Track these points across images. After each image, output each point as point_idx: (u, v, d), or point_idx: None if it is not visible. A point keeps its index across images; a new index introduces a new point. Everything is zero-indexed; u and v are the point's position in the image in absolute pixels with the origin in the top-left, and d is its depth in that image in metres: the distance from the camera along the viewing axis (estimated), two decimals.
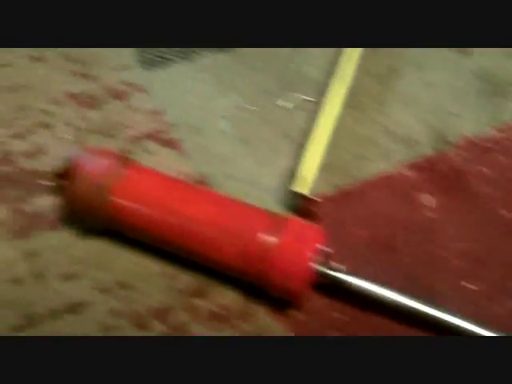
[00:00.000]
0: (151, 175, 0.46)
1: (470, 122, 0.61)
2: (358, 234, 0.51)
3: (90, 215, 0.45)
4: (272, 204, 0.51)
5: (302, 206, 0.50)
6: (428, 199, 0.54)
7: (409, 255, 0.50)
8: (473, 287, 0.49)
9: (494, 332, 0.43)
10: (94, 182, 0.44)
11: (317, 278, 0.44)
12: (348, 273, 0.44)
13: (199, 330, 0.44)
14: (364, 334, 0.45)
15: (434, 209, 0.53)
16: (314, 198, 0.48)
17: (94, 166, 0.45)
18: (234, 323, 0.44)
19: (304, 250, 0.42)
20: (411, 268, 0.49)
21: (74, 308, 0.44)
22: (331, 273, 0.44)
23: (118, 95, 0.58)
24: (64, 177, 0.46)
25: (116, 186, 0.44)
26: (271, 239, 0.42)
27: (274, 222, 0.43)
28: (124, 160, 0.46)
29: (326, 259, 0.44)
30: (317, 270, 0.43)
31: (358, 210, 0.53)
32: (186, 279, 0.46)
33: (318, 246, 0.43)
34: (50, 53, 0.60)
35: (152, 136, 0.56)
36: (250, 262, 0.42)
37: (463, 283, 0.49)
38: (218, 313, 0.45)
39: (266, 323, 0.45)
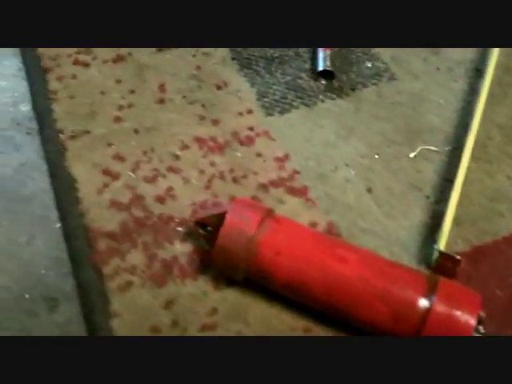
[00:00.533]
0: (298, 229, 0.47)
1: None
2: (499, 295, 0.49)
3: (235, 265, 0.45)
4: (405, 258, 0.50)
5: (441, 265, 0.49)
6: None
7: None
8: None
9: None
10: (243, 236, 0.44)
11: None
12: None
13: None
14: None
15: None
16: (456, 257, 0.47)
17: (242, 218, 0.45)
18: None
19: (461, 316, 0.41)
20: None
21: None
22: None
23: (244, 141, 0.60)
24: (209, 225, 0.47)
25: (263, 238, 0.44)
26: (426, 302, 0.41)
27: (427, 285, 0.42)
28: (269, 213, 0.47)
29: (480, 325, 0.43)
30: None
31: (495, 267, 0.51)
32: (323, 333, 0.46)
33: (477, 312, 0.41)
34: (173, 95, 0.63)
35: (278, 183, 0.56)
36: (403, 324, 0.41)
37: None
38: None
39: None
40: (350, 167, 0.58)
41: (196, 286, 0.48)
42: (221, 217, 0.46)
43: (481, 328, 0.43)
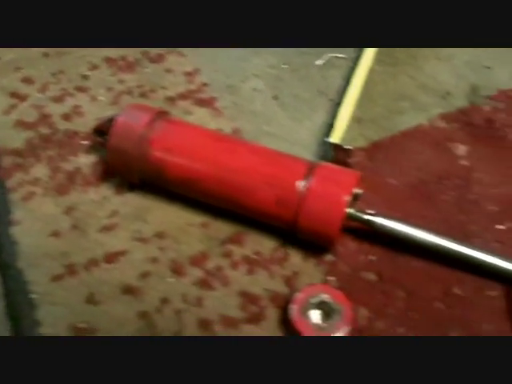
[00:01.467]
0: (189, 128, 0.47)
1: (505, 75, 0.60)
2: (392, 183, 0.51)
3: (129, 167, 0.46)
4: (306, 156, 0.51)
5: (336, 157, 0.50)
6: (461, 148, 0.54)
7: (442, 201, 0.50)
8: (502, 227, 0.48)
9: None
10: (133, 135, 0.45)
11: (348, 221, 0.44)
12: (377, 214, 0.45)
13: (235, 276, 0.45)
14: (395, 275, 0.45)
15: (468, 157, 0.53)
16: (347, 147, 0.48)
17: (133, 120, 0.46)
18: (268, 267, 0.45)
19: (337, 193, 0.42)
20: (446, 212, 0.49)
21: (112, 257, 0.46)
22: (362, 215, 0.44)
23: (154, 58, 0.60)
24: (104, 132, 0.48)
25: (155, 137, 0.45)
26: (305, 184, 0.43)
27: (308, 169, 0.44)
28: (162, 114, 0.48)
29: (356, 202, 0.45)
30: (348, 212, 0.44)
31: (391, 160, 0.53)
32: (222, 228, 0.47)
33: (351, 188, 0.43)
34: None
35: (186, 96, 0.57)
36: (285, 207, 0.43)
37: (493, 224, 0.49)
38: (253, 258, 0.46)
39: (299, 264, 0.45)
40: (258, 78, 0.59)
41: (97, 192, 0.49)
42: (114, 121, 0.47)
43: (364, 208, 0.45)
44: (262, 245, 0.46)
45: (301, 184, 0.43)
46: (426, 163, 0.53)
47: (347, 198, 0.42)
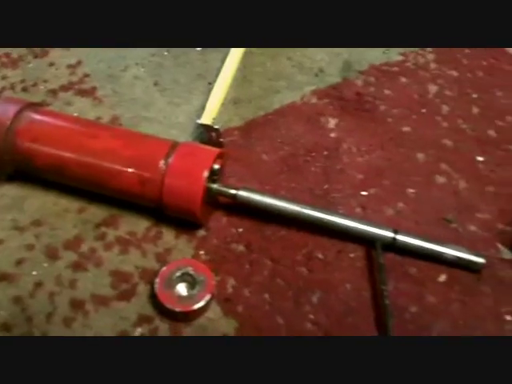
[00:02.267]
0: (55, 117, 0.49)
1: (377, 51, 0.64)
2: (265, 159, 0.54)
3: (0, 159, 0.48)
4: (183, 139, 0.54)
5: (208, 137, 0.53)
6: (331, 122, 0.57)
7: (311, 172, 0.53)
8: (365, 193, 0.52)
9: (384, 229, 0.47)
10: (0, 128, 0.47)
11: (215, 196, 0.47)
12: (241, 188, 0.48)
13: (108, 257, 0.47)
14: (262, 245, 0.48)
15: (337, 130, 0.57)
16: (216, 127, 0.51)
17: (1, 111, 0.47)
18: (141, 246, 0.48)
19: (195, 169, 0.45)
20: (312, 182, 0.53)
21: None
22: (227, 190, 0.47)
23: (38, 53, 0.61)
24: None
25: (21, 129, 0.47)
26: (165, 163, 0.45)
27: (169, 149, 0.46)
28: (31, 106, 0.49)
29: (219, 177, 0.48)
30: (212, 187, 0.46)
31: (265, 137, 0.56)
32: (96, 212, 0.49)
33: (209, 164, 0.45)
34: None
35: (68, 87, 0.58)
36: (148, 186, 0.45)
37: (358, 191, 0.52)
38: (126, 238, 0.48)
39: (171, 241, 0.48)
40: (140, 66, 0.61)
41: None
42: None
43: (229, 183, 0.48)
44: (135, 225, 0.49)
45: (161, 163, 0.45)
46: (297, 138, 0.56)
47: (206, 173, 0.45)
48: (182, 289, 0.44)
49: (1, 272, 0.45)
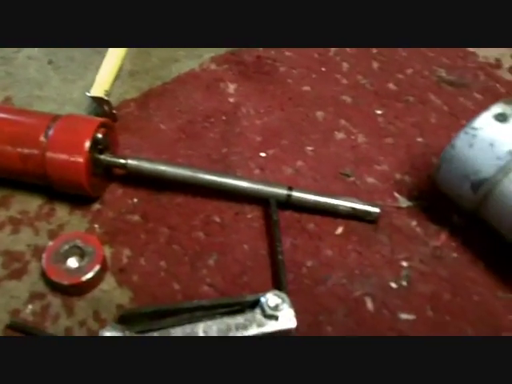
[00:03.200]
0: None
1: None
2: (162, 128, 0.54)
3: None
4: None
5: (103, 111, 0.52)
6: (230, 87, 0.57)
7: (209, 138, 0.53)
8: (264, 154, 0.52)
9: (278, 187, 0.48)
10: None
11: (98, 164, 0.46)
12: (130, 157, 0.47)
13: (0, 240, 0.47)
14: (159, 214, 0.48)
15: (236, 95, 0.56)
16: (105, 98, 0.50)
17: None
18: (33, 224, 0.47)
19: (75, 140, 0.44)
20: (210, 147, 0.52)
21: None
22: (116, 159, 0.47)
23: None
24: None
25: None
26: (45, 137, 0.44)
27: (50, 122, 0.45)
28: None
29: (109, 148, 0.48)
30: (101, 158, 0.46)
31: (163, 106, 0.55)
32: None
33: (90, 134, 0.45)
34: None
35: None
36: (30, 162, 0.45)
37: (257, 153, 0.52)
38: (18, 218, 0.47)
39: (65, 217, 0.48)
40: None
41: None
42: None
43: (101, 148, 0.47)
44: (27, 204, 0.48)
45: (41, 137, 0.44)
46: (195, 105, 0.55)
47: (87, 143, 0.44)
48: (72, 262, 0.44)
49: None
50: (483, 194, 0.44)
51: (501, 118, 0.44)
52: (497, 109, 0.44)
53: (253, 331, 0.40)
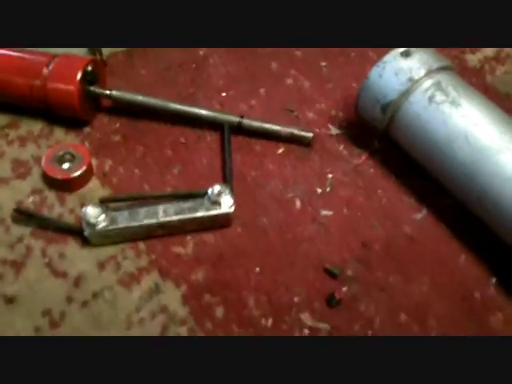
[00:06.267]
0: None
1: None
2: (143, 73, 0.66)
3: None
4: None
5: (93, 55, 0.64)
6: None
7: (180, 81, 0.65)
8: (225, 94, 0.64)
9: (232, 115, 0.59)
10: None
11: (88, 95, 0.59)
12: (116, 89, 0.59)
13: (10, 150, 0.59)
14: (137, 136, 0.60)
15: (206, 49, 0.68)
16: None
17: None
18: (37, 141, 0.59)
19: (70, 70, 0.57)
20: (181, 87, 0.65)
21: None
22: (103, 91, 0.59)
23: None
24: None
25: None
26: (47, 70, 0.57)
27: (51, 58, 0.58)
28: None
29: (97, 82, 0.60)
30: (91, 89, 0.58)
31: (144, 57, 0.67)
32: (0, 118, 0.61)
33: (81, 67, 0.57)
34: None
35: None
36: (36, 90, 0.57)
37: (219, 93, 0.64)
38: (25, 136, 0.60)
39: (62, 137, 0.60)
40: None
41: None
42: None
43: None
44: (32, 126, 0.61)
45: (44, 70, 0.57)
46: (171, 56, 0.68)
47: (79, 74, 0.56)
48: (64, 165, 0.56)
49: None
50: (390, 115, 0.55)
51: (404, 54, 0.55)
52: (402, 48, 0.56)
53: (200, 213, 0.52)
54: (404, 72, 0.54)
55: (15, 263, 0.51)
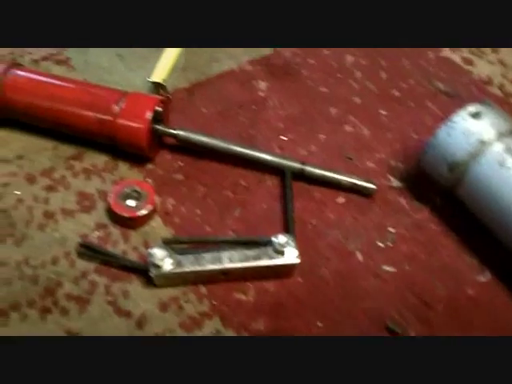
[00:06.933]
0: (35, 73, 0.62)
1: None
2: (204, 111, 0.67)
3: None
4: None
5: (157, 93, 0.65)
6: (262, 84, 0.70)
7: (240, 122, 0.66)
8: (284, 138, 0.65)
9: (294, 161, 0.60)
10: None
11: (155, 133, 0.59)
12: (181, 129, 0.60)
13: (75, 182, 0.59)
14: (198, 175, 0.61)
15: (265, 90, 0.69)
16: (160, 82, 0.64)
17: None
18: (101, 175, 0.60)
19: (141, 110, 0.57)
20: (241, 128, 0.65)
21: None
22: (169, 130, 0.60)
23: None
24: None
25: (7, 82, 0.59)
26: (117, 107, 0.58)
27: (121, 96, 0.58)
28: (15, 65, 0.62)
29: (163, 121, 0.61)
30: (157, 128, 0.59)
31: (205, 95, 0.68)
32: (67, 149, 0.62)
33: (152, 107, 0.58)
34: None
35: (48, 58, 0.71)
36: (105, 125, 0.58)
37: (278, 135, 0.65)
38: (90, 169, 0.61)
39: (126, 172, 0.61)
40: None
41: None
42: None
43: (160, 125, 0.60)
44: (97, 159, 0.61)
45: (115, 107, 0.58)
46: (231, 96, 0.68)
47: (150, 114, 0.57)
48: (130, 202, 0.56)
49: None
50: (457, 174, 0.55)
51: (474, 115, 0.56)
52: (471, 108, 0.56)
53: (265, 262, 0.52)
54: (474, 133, 0.54)
55: (80, 299, 0.52)
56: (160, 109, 0.59)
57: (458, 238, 0.57)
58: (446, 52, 0.76)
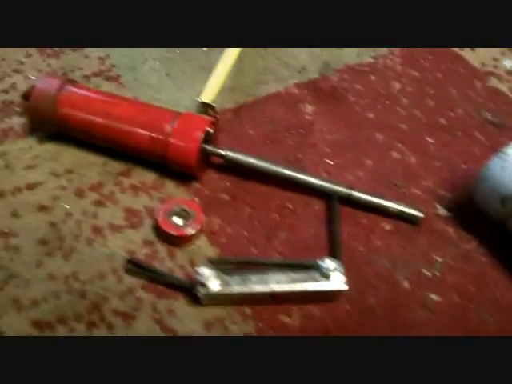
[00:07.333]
0: (88, 90, 0.63)
1: (352, 53, 0.77)
2: (251, 133, 0.67)
3: (45, 122, 0.61)
4: None
5: (206, 112, 0.66)
6: (308, 107, 0.70)
7: (288, 145, 0.66)
8: (331, 162, 0.64)
9: (342, 186, 0.59)
10: (47, 96, 0.61)
11: (208, 156, 0.60)
12: (230, 149, 0.60)
13: (123, 198, 0.60)
14: (244, 196, 0.61)
15: (312, 114, 0.69)
16: (210, 103, 0.64)
17: (45, 85, 0.61)
18: (149, 192, 0.61)
19: (192, 131, 0.58)
20: (288, 151, 0.65)
21: (32, 186, 0.60)
22: (218, 150, 0.60)
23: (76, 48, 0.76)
24: (27, 97, 0.63)
25: (62, 98, 0.61)
26: (170, 126, 0.58)
27: (174, 116, 0.59)
28: (69, 81, 0.63)
29: (212, 141, 0.61)
30: (206, 148, 0.59)
31: (252, 117, 0.69)
32: (116, 165, 0.63)
33: (204, 127, 0.58)
34: None
35: (98, 74, 0.73)
36: (157, 144, 0.58)
37: (325, 160, 0.65)
38: (138, 185, 0.61)
39: (173, 190, 0.61)
40: (155, 60, 0.75)
41: (25, 142, 0.65)
42: (33, 88, 0.62)
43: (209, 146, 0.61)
44: (145, 176, 0.62)
45: (167, 126, 0.58)
46: (278, 119, 0.69)
47: (201, 135, 0.58)
48: (178, 220, 0.56)
49: (41, 204, 0.59)
50: (510, 208, 0.54)
51: None
52: None
53: (312, 287, 0.52)
54: None
55: (126, 315, 0.52)
56: (211, 130, 0.59)
57: (509, 271, 0.56)
58: (494, 82, 0.76)
